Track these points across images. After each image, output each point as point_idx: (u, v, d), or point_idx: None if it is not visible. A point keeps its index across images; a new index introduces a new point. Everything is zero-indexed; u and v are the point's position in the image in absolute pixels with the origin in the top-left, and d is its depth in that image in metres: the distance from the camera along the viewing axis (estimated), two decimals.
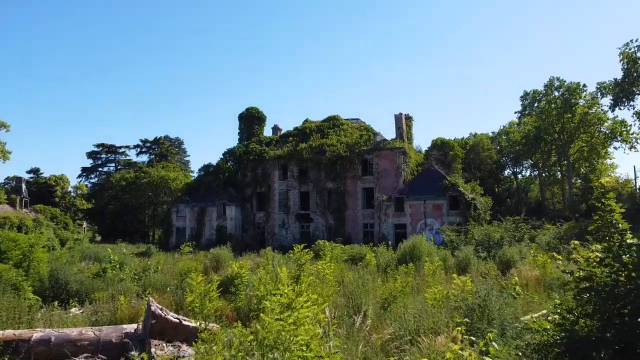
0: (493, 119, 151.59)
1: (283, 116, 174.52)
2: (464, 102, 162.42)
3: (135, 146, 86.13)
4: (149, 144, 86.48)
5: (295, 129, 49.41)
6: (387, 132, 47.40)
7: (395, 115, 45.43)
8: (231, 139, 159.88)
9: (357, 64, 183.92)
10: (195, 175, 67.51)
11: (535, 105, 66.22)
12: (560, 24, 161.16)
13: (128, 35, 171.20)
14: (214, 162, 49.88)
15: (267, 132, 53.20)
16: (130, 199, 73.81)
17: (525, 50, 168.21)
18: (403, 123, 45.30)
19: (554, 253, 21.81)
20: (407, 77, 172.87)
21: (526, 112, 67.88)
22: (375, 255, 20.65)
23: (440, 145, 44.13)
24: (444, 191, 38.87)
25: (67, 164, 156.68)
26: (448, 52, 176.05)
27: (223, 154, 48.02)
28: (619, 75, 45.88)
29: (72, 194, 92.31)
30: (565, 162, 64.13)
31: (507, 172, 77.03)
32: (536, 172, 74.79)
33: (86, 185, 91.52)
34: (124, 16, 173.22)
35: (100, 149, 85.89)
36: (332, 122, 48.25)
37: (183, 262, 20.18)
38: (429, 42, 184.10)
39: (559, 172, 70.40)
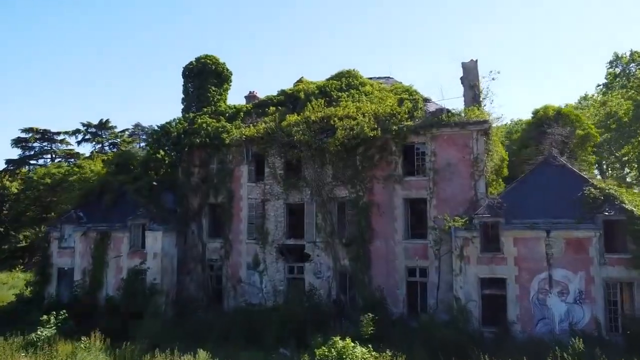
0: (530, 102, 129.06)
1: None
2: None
3: (75, 132, 65.01)
4: (93, 129, 65.38)
5: (282, 92, 28.41)
6: (440, 99, 26.83)
7: (463, 63, 24.60)
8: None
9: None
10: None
11: (632, 73, 46.70)
12: None
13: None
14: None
15: (238, 101, 32.27)
16: (59, 203, 53.37)
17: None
18: (479, 79, 24.70)
19: None
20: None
21: (616, 82, 48.06)
22: None
23: (553, 119, 23.05)
24: (592, 210, 18.22)
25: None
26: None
27: (150, 135, 26.71)
28: None
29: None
30: None
31: None
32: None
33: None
34: None
35: (30, 135, 64.75)
36: (347, 81, 27.23)
37: None
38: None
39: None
